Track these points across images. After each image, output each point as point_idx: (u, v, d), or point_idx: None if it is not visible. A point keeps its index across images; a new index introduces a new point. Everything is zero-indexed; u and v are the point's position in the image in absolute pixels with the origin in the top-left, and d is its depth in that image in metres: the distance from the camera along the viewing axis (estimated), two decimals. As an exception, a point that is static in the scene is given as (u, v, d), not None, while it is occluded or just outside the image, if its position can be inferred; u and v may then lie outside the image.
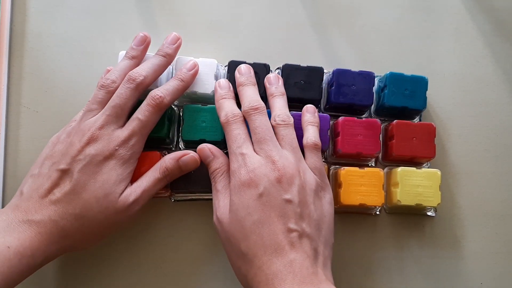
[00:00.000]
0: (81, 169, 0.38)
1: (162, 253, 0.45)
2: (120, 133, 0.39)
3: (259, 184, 0.37)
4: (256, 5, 0.50)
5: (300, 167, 0.39)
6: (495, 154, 0.49)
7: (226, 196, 0.39)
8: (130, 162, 0.40)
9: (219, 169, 0.41)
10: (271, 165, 0.38)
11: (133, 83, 0.40)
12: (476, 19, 0.51)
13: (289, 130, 0.41)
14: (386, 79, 0.45)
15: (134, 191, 0.40)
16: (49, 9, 0.48)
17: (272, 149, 0.39)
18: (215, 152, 0.42)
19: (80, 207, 0.38)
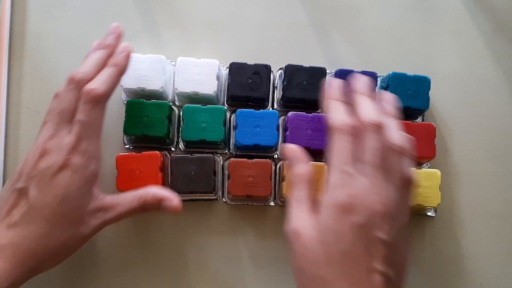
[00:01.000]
0: (36, 186, 0.36)
1: (162, 253, 0.45)
2: (68, 140, 0.36)
3: (359, 214, 0.33)
4: (257, 5, 0.50)
5: (401, 206, 0.35)
6: (495, 154, 0.49)
7: (304, 207, 0.35)
8: (90, 170, 0.37)
9: (304, 176, 0.37)
10: (377, 197, 0.33)
11: (72, 83, 0.38)
12: (476, 19, 0.51)
13: (406, 160, 0.35)
14: (389, 79, 0.45)
15: (105, 213, 0.38)
16: (49, 9, 0.48)
17: (383, 179, 0.34)
18: (303, 156, 0.38)
19: (44, 224, 0.35)
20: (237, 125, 0.44)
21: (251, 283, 0.46)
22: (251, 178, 0.43)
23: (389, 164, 0.35)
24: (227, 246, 0.46)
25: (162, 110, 0.44)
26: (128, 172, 0.42)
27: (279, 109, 0.48)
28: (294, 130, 0.44)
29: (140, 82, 0.44)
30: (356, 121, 0.36)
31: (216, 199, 0.46)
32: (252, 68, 0.45)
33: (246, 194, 0.43)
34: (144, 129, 0.43)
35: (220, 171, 0.45)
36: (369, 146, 0.35)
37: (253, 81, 0.45)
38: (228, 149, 0.47)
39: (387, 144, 0.35)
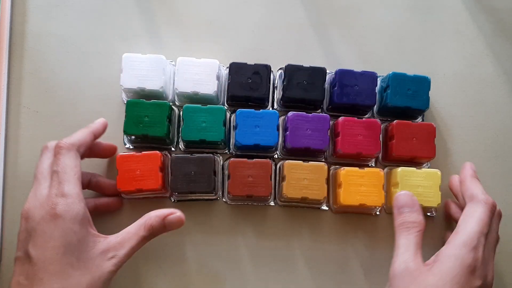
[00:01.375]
0: (33, 245, 0.35)
1: (162, 253, 0.45)
2: (45, 191, 0.37)
3: (478, 280, 0.37)
4: (257, 5, 0.50)
5: None
6: (495, 154, 0.49)
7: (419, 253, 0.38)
8: (79, 211, 0.36)
9: (418, 225, 0.40)
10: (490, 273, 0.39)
11: (45, 149, 0.40)
12: (476, 19, 0.51)
13: None
14: (389, 79, 0.45)
15: (116, 251, 0.37)
16: (49, 9, 0.48)
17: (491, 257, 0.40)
18: (418, 206, 0.41)
19: (55, 281, 0.34)
20: (237, 125, 0.44)
21: (251, 283, 0.46)
22: (251, 178, 0.43)
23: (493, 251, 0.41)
24: (227, 246, 0.46)
25: (162, 110, 0.44)
26: (128, 172, 0.42)
27: (279, 109, 0.48)
28: (294, 130, 0.44)
29: (140, 82, 0.44)
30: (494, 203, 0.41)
31: (216, 199, 0.46)
32: (252, 68, 0.45)
33: (246, 194, 0.43)
34: (144, 129, 0.43)
35: (220, 171, 0.45)
36: (494, 228, 0.41)
37: (253, 81, 0.45)
38: (228, 149, 0.47)
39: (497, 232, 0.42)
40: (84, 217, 0.37)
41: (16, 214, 0.45)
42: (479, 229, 0.38)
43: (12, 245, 0.44)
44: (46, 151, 0.40)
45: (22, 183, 0.45)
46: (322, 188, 0.44)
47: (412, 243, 0.39)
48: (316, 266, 0.46)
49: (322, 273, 0.46)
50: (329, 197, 0.46)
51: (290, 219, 0.47)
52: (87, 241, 0.36)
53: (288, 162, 0.44)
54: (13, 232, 0.44)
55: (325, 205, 0.47)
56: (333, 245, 0.46)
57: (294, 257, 0.46)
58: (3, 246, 0.45)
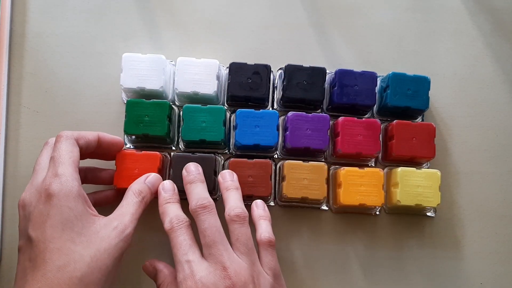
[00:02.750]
0: (32, 228, 0.35)
1: (163, 254, 0.45)
2: (41, 177, 0.37)
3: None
4: (257, 5, 0.50)
5: (254, 272, 0.37)
6: (495, 154, 0.49)
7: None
8: (74, 188, 0.36)
9: (163, 283, 0.39)
10: (222, 272, 0.36)
11: (46, 144, 0.40)
12: (476, 19, 0.51)
13: (244, 228, 0.38)
14: (389, 79, 0.45)
15: (119, 221, 0.37)
16: (49, 9, 0.48)
17: (223, 253, 0.36)
18: (158, 266, 0.40)
19: (57, 257, 0.33)
20: (237, 125, 0.44)
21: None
22: (251, 178, 0.43)
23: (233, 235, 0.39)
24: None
25: (162, 109, 0.44)
26: (126, 169, 0.42)
27: (279, 109, 0.48)
28: (294, 130, 0.44)
29: (140, 81, 0.44)
30: None
31: (216, 199, 0.46)
32: (252, 68, 0.45)
33: (246, 194, 0.43)
34: (144, 128, 0.43)
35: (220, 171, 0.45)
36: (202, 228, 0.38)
37: (253, 81, 0.45)
38: (228, 149, 0.47)
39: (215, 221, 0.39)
40: (79, 194, 0.36)
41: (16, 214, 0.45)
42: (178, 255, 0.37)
43: (12, 245, 0.44)
44: (47, 146, 0.40)
45: (22, 183, 0.45)
46: (322, 188, 0.44)
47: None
48: (315, 266, 0.46)
49: (321, 272, 0.46)
50: (329, 197, 0.46)
51: (290, 219, 0.47)
52: (86, 218, 0.36)
53: (288, 162, 0.44)
54: (13, 232, 0.45)
55: (325, 205, 0.47)
56: (333, 245, 0.46)
57: (294, 257, 0.46)
58: (3, 246, 0.45)
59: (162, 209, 0.40)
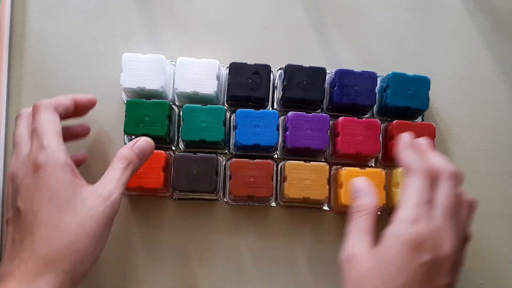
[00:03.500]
0: (21, 199, 0.35)
1: (163, 253, 0.45)
2: (26, 150, 0.37)
3: (427, 254, 0.33)
4: (257, 5, 0.50)
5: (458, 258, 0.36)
6: (495, 154, 0.49)
7: (365, 237, 0.36)
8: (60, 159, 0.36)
9: (367, 208, 0.37)
10: (446, 240, 0.34)
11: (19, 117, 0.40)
12: (476, 19, 0.51)
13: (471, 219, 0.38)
14: (389, 79, 0.45)
15: (105, 189, 0.36)
16: (49, 9, 0.48)
17: (452, 227, 0.35)
18: (370, 189, 0.39)
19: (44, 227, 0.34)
20: (237, 125, 0.44)
21: (252, 283, 0.46)
22: (253, 179, 0.43)
23: (458, 215, 0.36)
24: (228, 246, 0.46)
25: (162, 109, 0.44)
26: None
27: (279, 109, 0.48)
28: (294, 130, 0.44)
29: (140, 81, 0.44)
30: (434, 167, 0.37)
31: (217, 200, 0.46)
32: (252, 68, 0.45)
33: (247, 194, 0.43)
34: (144, 128, 0.43)
35: (222, 171, 0.45)
36: (444, 192, 0.36)
37: (253, 81, 0.45)
38: (228, 149, 0.47)
39: (461, 196, 0.37)
40: (66, 164, 0.36)
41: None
42: (416, 200, 0.35)
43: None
44: (21, 117, 0.40)
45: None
46: (323, 189, 0.44)
47: (359, 227, 0.37)
48: (317, 266, 0.46)
49: (323, 273, 0.46)
50: (330, 197, 0.46)
51: (291, 219, 0.47)
52: (73, 187, 0.36)
53: (289, 162, 0.44)
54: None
55: (326, 206, 0.47)
56: (334, 245, 0.46)
57: (295, 257, 0.46)
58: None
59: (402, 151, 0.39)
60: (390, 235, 0.34)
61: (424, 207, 0.35)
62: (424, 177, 0.36)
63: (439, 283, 0.33)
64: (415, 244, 0.33)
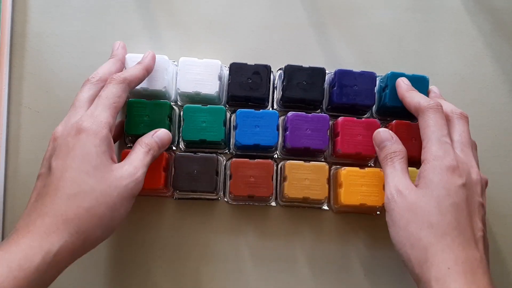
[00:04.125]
0: (55, 157, 0.36)
1: (163, 253, 0.46)
2: (80, 113, 0.38)
3: (463, 176, 0.38)
4: (257, 5, 0.50)
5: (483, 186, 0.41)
6: (495, 154, 0.49)
7: (407, 176, 0.40)
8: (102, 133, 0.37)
9: (400, 152, 0.41)
10: (472, 170, 0.39)
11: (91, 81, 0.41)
12: (476, 19, 0.51)
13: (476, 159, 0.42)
14: (388, 79, 0.45)
15: (130, 165, 0.38)
16: (50, 9, 0.48)
17: (469, 155, 0.40)
18: (396, 137, 0.42)
19: (70, 185, 0.35)
20: (237, 125, 0.44)
21: (252, 283, 0.46)
22: (253, 179, 0.43)
23: (472, 150, 0.41)
24: (228, 245, 0.46)
25: (162, 110, 0.44)
26: None
27: (279, 109, 0.48)
28: (294, 130, 0.44)
29: (143, 82, 0.44)
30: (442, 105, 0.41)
31: (217, 199, 0.46)
32: (252, 68, 0.45)
33: (247, 194, 0.43)
34: (145, 128, 0.43)
35: (222, 171, 0.46)
36: (459, 129, 0.41)
37: (253, 81, 0.45)
38: (228, 149, 0.47)
39: (469, 133, 0.42)
40: (106, 137, 0.37)
41: (17, 214, 0.45)
42: (438, 134, 0.39)
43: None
44: (88, 83, 0.41)
45: (23, 183, 0.45)
46: (323, 188, 0.44)
47: (397, 169, 0.40)
48: (317, 266, 0.46)
49: (323, 273, 0.46)
50: (330, 197, 0.46)
51: (291, 219, 0.47)
52: (105, 158, 0.37)
53: (289, 162, 0.44)
54: (14, 232, 0.45)
55: (326, 205, 0.47)
56: (334, 245, 0.47)
57: (295, 257, 0.46)
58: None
59: (410, 94, 0.43)
60: (429, 169, 0.38)
61: (447, 139, 0.39)
62: (436, 113, 0.40)
63: (476, 202, 0.38)
64: (452, 170, 0.38)
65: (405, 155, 0.41)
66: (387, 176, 0.40)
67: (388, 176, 0.40)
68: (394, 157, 0.41)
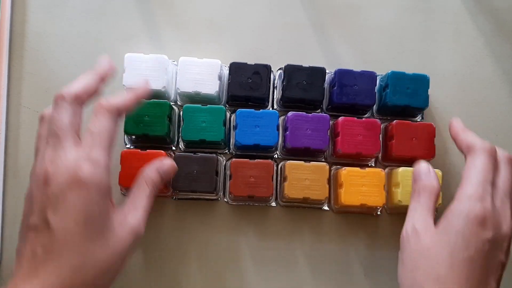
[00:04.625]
0: (53, 212, 0.32)
1: (163, 253, 0.45)
2: (74, 153, 0.34)
3: (489, 231, 0.35)
4: (257, 5, 0.50)
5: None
6: (495, 154, 0.49)
7: (429, 214, 0.37)
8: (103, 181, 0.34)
9: (431, 188, 0.38)
10: (505, 222, 0.36)
11: (64, 99, 0.36)
12: (476, 19, 0.51)
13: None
14: (388, 78, 0.45)
15: (132, 219, 0.36)
16: (49, 9, 0.48)
17: (507, 206, 0.37)
18: (433, 172, 0.40)
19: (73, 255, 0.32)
20: (237, 125, 0.44)
21: (252, 283, 0.46)
22: (253, 179, 0.43)
23: (510, 200, 0.37)
24: (228, 246, 0.46)
25: (162, 109, 0.44)
26: (131, 168, 0.42)
27: (279, 109, 0.48)
28: (294, 130, 0.44)
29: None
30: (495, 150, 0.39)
31: (217, 200, 0.46)
32: (252, 68, 0.45)
33: (247, 194, 0.43)
34: (144, 128, 0.43)
35: (222, 171, 0.45)
36: (504, 176, 0.38)
37: (253, 81, 0.45)
38: (228, 149, 0.47)
39: None
40: (108, 189, 0.34)
41: (16, 214, 0.45)
42: (481, 178, 0.36)
43: (12, 245, 0.44)
44: (63, 102, 0.35)
45: (22, 183, 0.45)
46: (323, 189, 0.44)
47: (421, 205, 0.38)
48: (317, 266, 0.46)
49: (323, 273, 0.46)
50: (330, 197, 0.46)
51: (291, 219, 0.47)
52: (107, 213, 0.34)
53: (289, 162, 0.44)
54: (13, 232, 0.44)
55: (326, 205, 0.47)
56: (334, 245, 0.46)
57: (295, 257, 0.46)
58: (3, 246, 0.45)
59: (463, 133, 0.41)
60: (456, 211, 0.36)
61: (488, 186, 0.36)
62: (488, 156, 0.38)
63: (497, 261, 0.35)
64: (480, 221, 0.35)
65: (435, 192, 0.38)
66: (410, 210, 0.38)
67: (410, 210, 0.38)
68: (422, 191, 0.39)
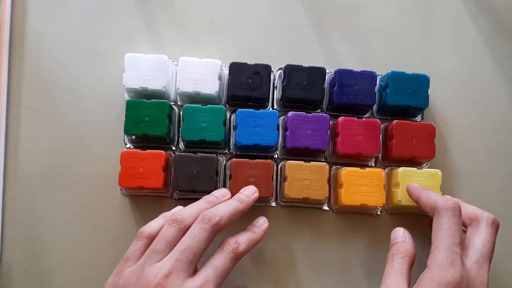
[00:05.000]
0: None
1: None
2: (192, 284, 0.34)
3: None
4: (257, 5, 0.50)
5: None
6: (495, 154, 0.49)
7: (403, 279, 0.37)
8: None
9: (404, 253, 0.38)
10: (480, 285, 0.36)
11: (208, 223, 0.36)
12: (476, 19, 0.51)
13: None
14: (388, 78, 0.45)
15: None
16: (50, 9, 0.48)
17: (484, 269, 0.36)
18: (408, 237, 0.40)
19: None
20: (237, 125, 0.44)
21: (252, 283, 0.46)
22: (253, 179, 0.43)
23: (487, 264, 0.37)
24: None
25: (162, 109, 0.44)
26: (131, 168, 0.42)
27: (279, 109, 0.48)
28: (294, 130, 0.44)
29: (143, 81, 0.44)
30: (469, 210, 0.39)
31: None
32: (252, 68, 0.45)
33: (247, 194, 0.43)
34: (144, 128, 0.43)
35: (222, 171, 0.45)
36: (484, 237, 0.38)
37: (253, 81, 0.45)
38: (228, 149, 0.47)
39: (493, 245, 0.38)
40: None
41: (16, 214, 0.45)
42: (449, 242, 0.36)
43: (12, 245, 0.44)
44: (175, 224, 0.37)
45: (22, 183, 0.45)
46: (323, 188, 0.44)
47: (394, 271, 0.37)
48: (317, 266, 0.46)
49: (323, 273, 0.46)
50: (330, 197, 0.46)
51: (291, 219, 0.47)
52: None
53: (289, 162, 0.44)
54: (13, 232, 0.44)
55: (326, 205, 0.47)
56: (334, 245, 0.46)
57: (295, 257, 0.46)
58: (3, 246, 0.45)
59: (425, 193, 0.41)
60: (427, 278, 0.35)
61: (457, 248, 0.36)
62: (452, 216, 0.37)
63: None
64: (454, 286, 0.34)
65: (409, 256, 0.38)
66: (384, 275, 0.38)
67: (384, 275, 0.38)
68: (395, 255, 0.38)
